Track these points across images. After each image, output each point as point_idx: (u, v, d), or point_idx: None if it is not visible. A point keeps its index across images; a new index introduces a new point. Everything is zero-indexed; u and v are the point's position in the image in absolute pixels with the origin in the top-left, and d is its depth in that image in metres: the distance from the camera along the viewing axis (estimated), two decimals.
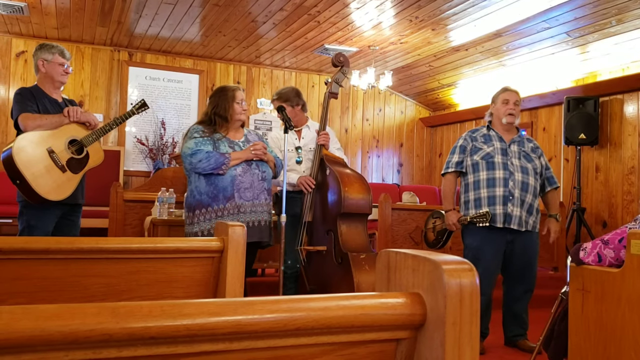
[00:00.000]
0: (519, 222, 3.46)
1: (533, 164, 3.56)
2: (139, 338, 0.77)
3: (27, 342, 0.72)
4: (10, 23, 6.37)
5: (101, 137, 3.49)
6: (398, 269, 0.97)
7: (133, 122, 7.28)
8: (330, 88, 3.87)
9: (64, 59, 3.47)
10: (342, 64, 3.90)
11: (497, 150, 3.56)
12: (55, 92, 3.49)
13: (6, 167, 3.16)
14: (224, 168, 3.25)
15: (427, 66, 7.31)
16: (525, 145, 3.63)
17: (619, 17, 5.00)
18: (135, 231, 4.51)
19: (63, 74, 3.47)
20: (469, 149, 3.64)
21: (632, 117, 5.78)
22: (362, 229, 3.56)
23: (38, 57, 3.44)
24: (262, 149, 3.38)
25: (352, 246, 3.42)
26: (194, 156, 3.25)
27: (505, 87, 3.75)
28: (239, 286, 1.84)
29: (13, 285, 1.66)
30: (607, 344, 2.28)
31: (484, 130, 3.68)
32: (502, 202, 3.46)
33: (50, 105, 3.41)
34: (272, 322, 0.83)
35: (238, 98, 3.41)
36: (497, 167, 3.51)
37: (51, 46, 3.48)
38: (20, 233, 3.31)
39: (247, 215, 3.31)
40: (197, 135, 3.34)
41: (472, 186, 3.57)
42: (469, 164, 3.61)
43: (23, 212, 3.31)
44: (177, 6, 5.64)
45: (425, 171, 8.87)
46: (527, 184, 3.49)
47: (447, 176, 3.71)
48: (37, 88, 3.43)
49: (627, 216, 5.74)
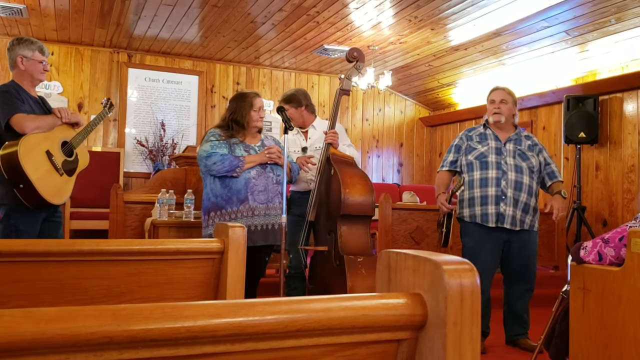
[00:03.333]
0: (512, 222, 3.45)
1: (529, 162, 3.55)
2: (140, 340, 0.77)
3: (28, 345, 0.72)
4: (9, 25, 6.37)
5: (85, 138, 3.41)
6: (399, 270, 0.97)
7: (133, 123, 7.29)
8: (342, 85, 3.75)
9: (44, 56, 3.31)
10: (357, 59, 3.76)
11: (492, 149, 3.55)
12: (32, 90, 3.34)
13: (9, 170, 3.02)
14: (238, 171, 3.28)
15: (427, 66, 7.31)
16: (522, 143, 3.61)
17: (618, 16, 5.00)
18: (135, 233, 4.51)
19: (42, 71, 3.32)
20: (463, 148, 3.64)
21: (631, 115, 5.78)
22: (364, 231, 3.51)
23: (16, 53, 3.25)
24: (276, 152, 3.40)
25: (350, 249, 3.39)
26: (208, 159, 3.29)
27: (494, 86, 3.75)
28: (240, 287, 1.84)
29: (14, 288, 1.66)
30: (608, 343, 2.27)
31: (480, 129, 3.68)
32: (495, 201, 3.46)
33: (34, 103, 3.27)
34: (273, 324, 0.83)
35: (256, 106, 3.44)
36: (490, 166, 3.51)
37: (30, 42, 3.29)
38: (6, 237, 3.11)
39: (261, 218, 3.33)
40: (214, 138, 3.37)
41: (466, 186, 3.58)
42: (464, 163, 3.62)
43: (10, 215, 3.14)
44: (176, 7, 5.64)
45: (425, 171, 8.87)
46: (520, 182, 3.48)
47: (440, 172, 3.77)
48: (16, 84, 3.26)
49: (627, 214, 5.73)
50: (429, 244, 5.14)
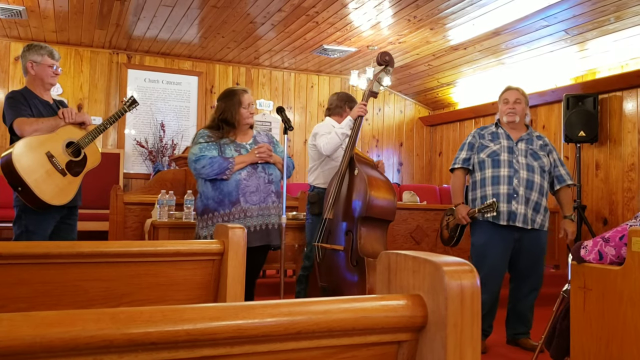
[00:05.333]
0: (523, 220, 3.45)
1: (540, 162, 3.55)
2: (139, 344, 0.77)
3: (27, 349, 0.72)
4: (8, 27, 6.37)
5: (96, 137, 3.43)
6: (399, 271, 0.97)
7: (132, 124, 7.28)
8: (372, 87, 3.74)
9: (53, 60, 3.38)
10: (387, 63, 3.76)
11: (504, 148, 3.56)
12: (45, 94, 3.41)
13: (6, 174, 3.08)
14: (228, 173, 3.21)
15: (426, 65, 7.31)
16: (534, 142, 3.62)
17: (618, 14, 5.00)
18: (135, 234, 4.50)
19: (53, 75, 3.38)
20: (476, 146, 3.65)
21: (631, 114, 5.78)
22: (382, 234, 3.52)
23: (27, 59, 3.34)
24: (266, 151, 3.31)
25: (369, 251, 3.39)
26: (197, 162, 3.22)
27: (508, 86, 3.75)
28: (240, 288, 1.84)
29: (13, 290, 1.66)
30: (609, 342, 2.27)
31: (492, 128, 3.69)
32: (507, 199, 3.46)
33: (43, 107, 3.33)
34: (273, 326, 0.83)
35: (245, 103, 3.35)
36: (502, 164, 3.51)
37: (40, 47, 3.37)
38: (17, 238, 3.22)
39: (255, 219, 3.27)
40: (202, 140, 3.29)
41: (478, 184, 3.58)
42: (476, 161, 3.62)
43: (21, 216, 3.23)
44: (176, 8, 5.64)
45: (425, 170, 8.87)
46: (532, 181, 3.48)
47: (455, 172, 3.72)
48: (28, 90, 3.34)
49: (627, 213, 5.73)
50: (429, 243, 5.14)
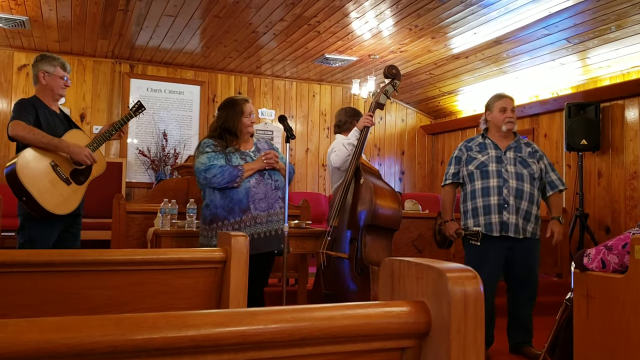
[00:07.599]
0: (515, 230, 3.46)
1: (529, 169, 3.55)
2: (144, 349, 0.77)
3: (33, 355, 0.72)
4: (12, 37, 6.41)
5: (102, 144, 3.47)
6: (402, 278, 0.97)
7: (135, 133, 7.30)
8: (378, 98, 3.78)
9: (65, 72, 3.45)
10: (394, 76, 3.81)
11: (492, 158, 3.56)
12: (53, 104, 3.46)
13: (11, 184, 3.10)
14: (238, 181, 3.23)
15: (428, 74, 7.32)
16: (523, 150, 3.62)
17: (619, 23, 5.02)
18: (137, 242, 4.50)
19: (63, 87, 3.45)
20: (464, 159, 3.66)
21: (633, 122, 5.78)
22: (387, 243, 3.54)
23: (39, 69, 3.40)
24: (273, 157, 3.36)
25: (374, 259, 3.41)
26: (208, 171, 3.23)
27: (499, 94, 3.74)
28: (243, 296, 1.84)
29: (17, 298, 1.66)
30: (612, 350, 2.26)
31: (479, 139, 3.69)
32: (498, 210, 3.47)
33: (50, 116, 3.37)
34: (277, 332, 0.83)
35: (246, 112, 3.40)
36: (491, 175, 3.52)
37: (53, 58, 3.44)
38: (21, 247, 3.24)
39: (264, 225, 3.30)
40: (209, 149, 3.31)
41: (469, 196, 3.59)
42: (465, 174, 3.63)
43: (25, 225, 3.25)
44: (178, 18, 5.67)
45: (427, 179, 8.87)
46: (522, 190, 3.49)
47: (445, 188, 3.76)
48: (37, 99, 3.39)
49: (630, 221, 5.72)
50: (432, 252, 5.13)
